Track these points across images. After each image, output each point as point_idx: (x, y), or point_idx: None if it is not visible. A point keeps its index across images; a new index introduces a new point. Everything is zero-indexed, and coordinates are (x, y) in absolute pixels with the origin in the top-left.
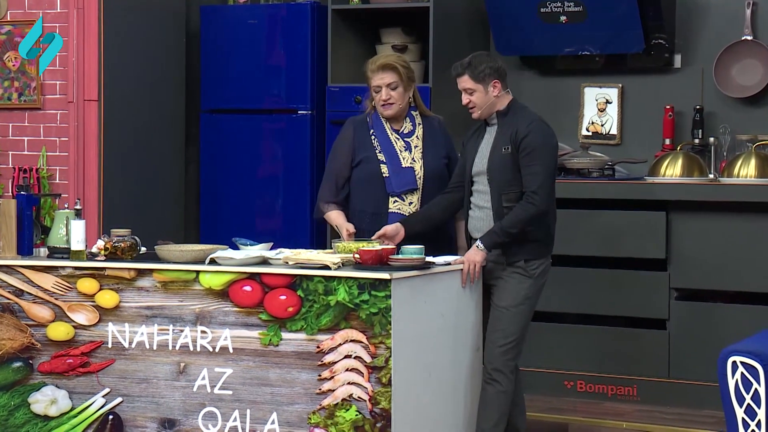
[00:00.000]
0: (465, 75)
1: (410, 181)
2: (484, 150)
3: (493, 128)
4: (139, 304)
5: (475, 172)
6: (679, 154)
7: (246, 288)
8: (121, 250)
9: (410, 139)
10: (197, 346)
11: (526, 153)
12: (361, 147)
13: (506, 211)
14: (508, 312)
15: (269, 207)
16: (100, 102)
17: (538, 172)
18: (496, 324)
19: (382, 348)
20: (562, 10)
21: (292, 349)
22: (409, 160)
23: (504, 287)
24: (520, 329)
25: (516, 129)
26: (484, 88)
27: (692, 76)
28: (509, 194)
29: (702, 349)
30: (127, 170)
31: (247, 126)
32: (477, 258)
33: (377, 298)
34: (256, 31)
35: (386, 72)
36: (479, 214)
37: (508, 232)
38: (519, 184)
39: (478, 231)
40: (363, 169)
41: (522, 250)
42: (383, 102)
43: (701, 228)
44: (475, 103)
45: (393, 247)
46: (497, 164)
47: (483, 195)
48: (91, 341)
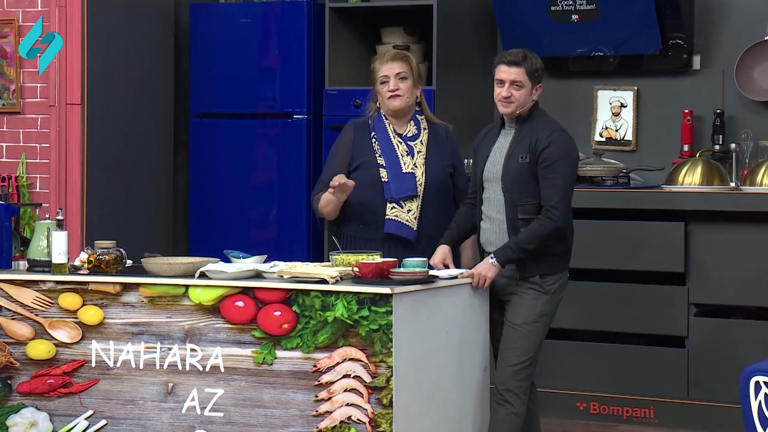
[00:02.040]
0: (521, 67)
1: (410, 187)
2: (497, 154)
3: (509, 132)
4: (125, 320)
5: (487, 178)
6: (699, 161)
7: (238, 303)
8: (106, 263)
9: (414, 143)
10: (186, 365)
11: (546, 165)
12: (360, 151)
13: (522, 224)
14: (522, 329)
15: (263, 217)
16: (83, 106)
17: (558, 186)
18: (509, 342)
19: (382, 367)
20: (573, 8)
21: (287, 369)
22: (410, 166)
23: (518, 303)
24: (535, 348)
25: (536, 138)
26: (531, 88)
27: (712, 78)
28: (525, 205)
29: (723, 368)
30: (112, 178)
31: (240, 131)
32: (488, 273)
33: (378, 314)
34: (250, 30)
35: (397, 62)
36: (491, 226)
37: (524, 248)
38: (536, 196)
39: (491, 244)
40: (361, 173)
41: (538, 265)
42: (391, 93)
43: (722, 239)
44: (516, 99)
45: (394, 260)
46: (513, 172)
47: (495, 204)
48: (74, 360)
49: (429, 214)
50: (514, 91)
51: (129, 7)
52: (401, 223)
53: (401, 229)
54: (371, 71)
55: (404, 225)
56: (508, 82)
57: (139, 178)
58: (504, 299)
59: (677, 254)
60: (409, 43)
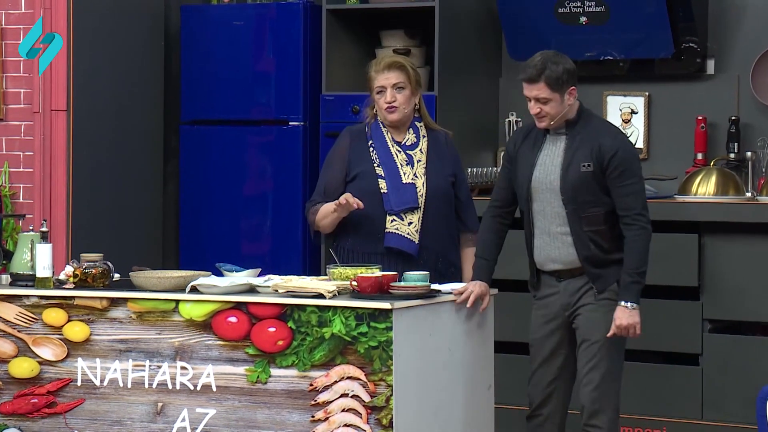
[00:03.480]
0: (541, 82)
1: (411, 199)
2: (548, 164)
3: (560, 138)
4: (112, 337)
5: (539, 189)
6: (713, 171)
7: (231, 319)
8: (92, 277)
9: (413, 152)
10: (176, 383)
11: (620, 172)
12: (357, 160)
13: (591, 236)
14: (605, 346)
15: (257, 229)
16: (69, 112)
17: (637, 191)
18: (590, 361)
19: (382, 386)
20: (582, 10)
21: (282, 387)
22: (410, 176)
23: (592, 318)
24: (621, 361)
25: (598, 144)
26: (561, 97)
27: (727, 83)
28: (590, 217)
29: (739, 386)
30: (99, 188)
31: (233, 139)
32: (636, 319)
33: (377, 330)
34: (243, 33)
35: (393, 71)
36: (552, 241)
37: (642, 272)
38: (600, 205)
39: (555, 261)
40: (358, 184)
41: (609, 272)
42: (387, 105)
43: (737, 252)
44: (548, 113)
45: (394, 274)
46: (575, 182)
47: (554, 218)
48: (59, 379)
49: (430, 226)
50: (542, 105)
51: (116, 9)
52: (402, 236)
53: (402, 243)
54: (367, 78)
55: (405, 238)
56: (533, 98)
57: (127, 188)
58: (571, 316)
59: (691, 268)
60: (410, 47)
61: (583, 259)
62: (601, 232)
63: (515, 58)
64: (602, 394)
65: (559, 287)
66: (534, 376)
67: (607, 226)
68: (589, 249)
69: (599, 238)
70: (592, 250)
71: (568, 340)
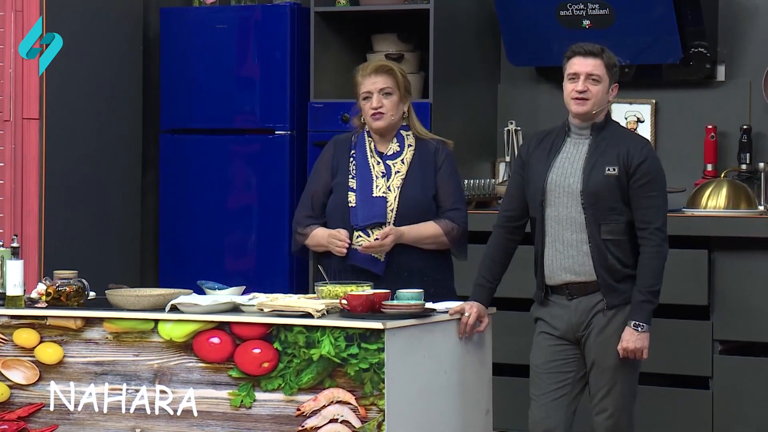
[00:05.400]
0: (600, 59)
1: (378, 213)
2: (569, 166)
3: (581, 140)
4: (87, 359)
5: (555, 192)
6: (723, 183)
7: (213, 340)
8: (66, 295)
9: (393, 162)
10: (155, 408)
11: (645, 182)
12: (339, 171)
13: (610, 246)
14: (620, 369)
15: (241, 244)
16: (41, 121)
17: (659, 206)
18: (602, 388)
19: (373, 410)
20: (585, 13)
21: (267, 412)
22: (383, 189)
23: (604, 340)
24: (634, 385)
25: (626, 149)
26: (609, 85)
27: (738, 90)
28: (611, 224)
29: (752, 412)
30: (74, 201)
31: (215, 149)
32: (645, 343)
33: (368, 352)
34: (226, 37)
35: (380, 75)
36: (566, 249)
37: (655, 292)
38: (622, 213)
39: (569, 272)
40: (333, 197)
41: (625, 288)
42: (373, 111)
43: (750, 269)
44: (593, 94)
45: (386, 292)
46: (598, 186)
47: (569, 223)
48: (30, 403)
49: (401, 244)
50: (590, 85)
51: (92, 12)
52: (366, 254)
53: (366, 262)
54: (353, 83)
55: (369, 257)
56: (584, 75)
57: (103, 201)
58: (581, 338)
59: (700, 285)
60: (404, 51)
61: (599, 267)
62: (620, 243)
63: (514, 63)
64: (617, 422)
65: (570, 306)
66: (536, 402)
67: (628, 237)
68: (606, 259)
69: (618, 250)
70: (610, 261)
71: (574, 362)
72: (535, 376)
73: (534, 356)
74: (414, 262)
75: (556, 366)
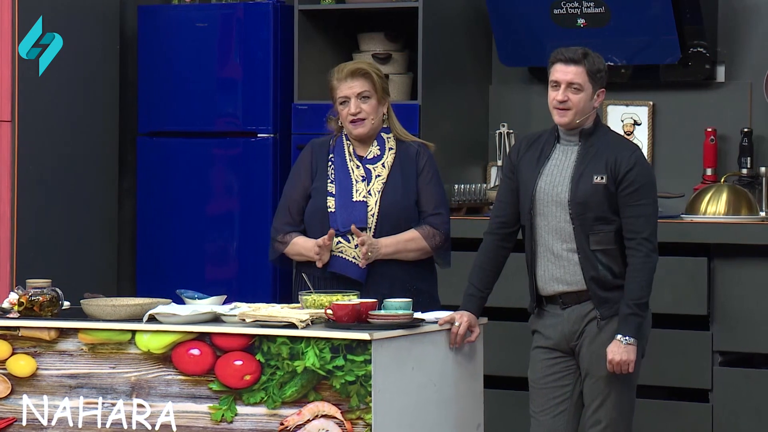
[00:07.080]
0: (581, 66)
1: (358, 218)
2: (557, 174)
3: (570, 147)
4: (61, 371)
5: (544, 201)
6: (724, 188)
7: (193, 351)
8: (39, 305)
9: (374, 166)
10: (132, 423)
11: (633, 190)
12: (317, 176)
13: (599, 256)
14: (616, 381)
15: (222, 252)
16: (13, 123)
17: (648, 215)
18: (596, 399)
19: (360, 425)
20: (580, 12)
21: (249, 427)
22: (363, 193)
23: (597, 349)
24: (630, 396)
25: (614, 157)
26: (592, 92)
27: (738, 91)
28: (599, 234)
29: (752, 424)
30: (47, 206)
31: (196, 152)
32: (631, 356)
33: (354, 364)
34: (207, 36)
35: (356, 79)
36: (557, 261)
37: (642, 304)
38: (609, 223)
39: (561, 282)
40: (311, 202)
41: (618, 297)
42: (352, 117)
43: (751, 277)
44: (574, 104)
45: (373, 302)
46: (586, 195)
47: (559, 233)
48: (2, 418)
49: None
50: (571, 94)
51: (66, 8)
52: (347, 260)
53: (347, 268)
54: (329, 88)
55: (350, 263)
56: (564, 84)
57: (78, 207)
58: (575, 348)
59: (699, 294)
60: (391, 51)
61: (589, 279)
62: (610, 253)
63: (506, 63)
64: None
65: (563, 315)
66: (536, 419)
67: (618, 246)
68: (596, 270)
69: (608, 260)
70: (600, 272)
71: (571, 374)
72: (533, 392)
73: (531, 371)
74: (396, 270)
75: (552, 380)
